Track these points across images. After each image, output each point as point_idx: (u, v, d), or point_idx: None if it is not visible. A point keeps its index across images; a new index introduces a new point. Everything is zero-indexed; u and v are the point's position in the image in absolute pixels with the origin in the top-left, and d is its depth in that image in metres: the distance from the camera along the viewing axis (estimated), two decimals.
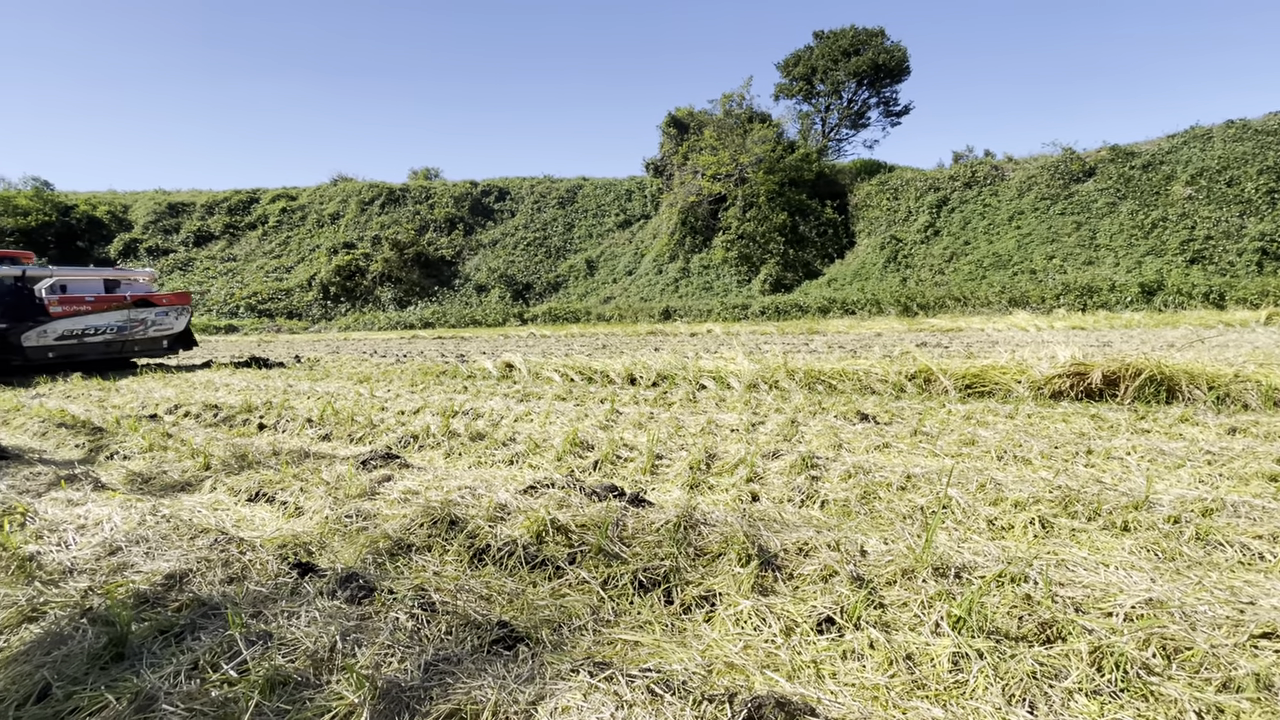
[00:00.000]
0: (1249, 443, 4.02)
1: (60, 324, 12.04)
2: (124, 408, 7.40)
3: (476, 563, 2.62)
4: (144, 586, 2.30)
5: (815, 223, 34.36)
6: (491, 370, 9.53)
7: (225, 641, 1.85)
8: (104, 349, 12.85)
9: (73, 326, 12.21)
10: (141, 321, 13.18)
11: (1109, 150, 29.99)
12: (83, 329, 12.35)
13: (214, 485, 3.94)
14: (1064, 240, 27.40)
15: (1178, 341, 10.87)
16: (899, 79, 39.03)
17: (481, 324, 32.76)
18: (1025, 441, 4.17)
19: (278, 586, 2.29)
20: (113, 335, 12.84)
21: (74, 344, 12.31)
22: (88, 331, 12.41)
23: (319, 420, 5.93)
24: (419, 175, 52.02)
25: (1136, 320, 17.28)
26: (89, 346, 12.56)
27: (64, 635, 1.96)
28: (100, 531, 2.88)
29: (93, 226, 45.00)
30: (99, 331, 12.58)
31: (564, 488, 3.22)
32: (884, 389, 6.64)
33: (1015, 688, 1.64)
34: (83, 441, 5.38)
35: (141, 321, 13.18)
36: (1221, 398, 5.38)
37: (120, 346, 13.14)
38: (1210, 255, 24.15)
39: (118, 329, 12.87)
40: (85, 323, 12.38)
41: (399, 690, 1.63)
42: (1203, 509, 2.77)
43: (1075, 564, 2.38)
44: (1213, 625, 1.83)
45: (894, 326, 19.21)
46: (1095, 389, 5.79)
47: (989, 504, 3.04)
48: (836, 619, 2.00)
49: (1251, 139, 27.09)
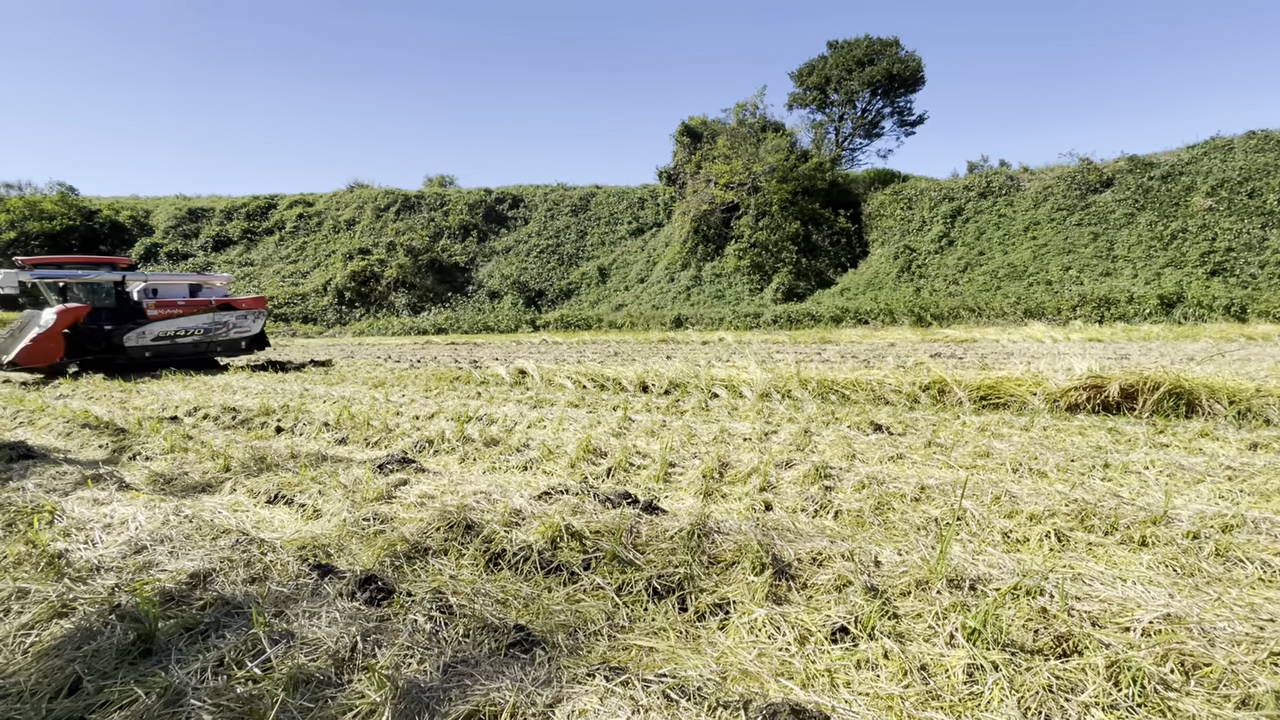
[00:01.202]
0: (1270, 458, 3.97)
1: (156, 326, 13.28)
2: (145, 409, 7.53)
3: (492, 567, 2.65)
4: (169, 585, 2.35)
5: (828, 232, 34.30)
6: (505, 376, 9.60)
7: (249, 640, 1.89)
8: (192, 349, 14.00)
9: (166, 328, 13.46)
10: (225, 324, 14.37)
11: (1127, 161, 29.71)
12: (175, 330, 13.58)
13: (234, 487, 4.01)
14: (1081, 251, 27.13)
15: (1198, 355, 10.72)
16: (913, 89, 39.00)
17: (494, 330, 32.98)
18: (1041, 454, 4.14)
19: (299, 587, 2.33)
20: (200, 336, 14.02)
21: (167, 344, 13.49)
22: (179, 333, 13.65)
23: (335, 424, 6.01)
24: (434, 182, 52.60)
25: (1155, 333, 17.05)
26: (180, 346, 13.73)
27: (93, 631, 2.01)
28: (126, 530, 2.95)
29: (115, 231, 45.91)
30: (188, 333, 13.83)
31: (578, 494, 3.25)
32: (898, 399, 6.61)
33: (1030, 700, 1.64)
34: (106, 442, 5.49)
35: (225, 324, 14.37)
36: (1243, 412, 5.30)
37: (206, 346, 14.26)
38: (1231, 267, 23.80)
39: (204, 330, 14.06)
40: (177, 325, 13.64)
41: (419, 690, 1.66)
42: (1223, 525, 2.75)
43: (1092, 578, 2.36)
44: (1232, 642, 1.82)
45: (907, 337, 19.10)
46: (1112, 402, 5.74)
47: (1004, 516, 3.03)
48: (851, 629, 2.00)
49: (1273, 150, 26.72)
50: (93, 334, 12.68)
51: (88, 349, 12.69)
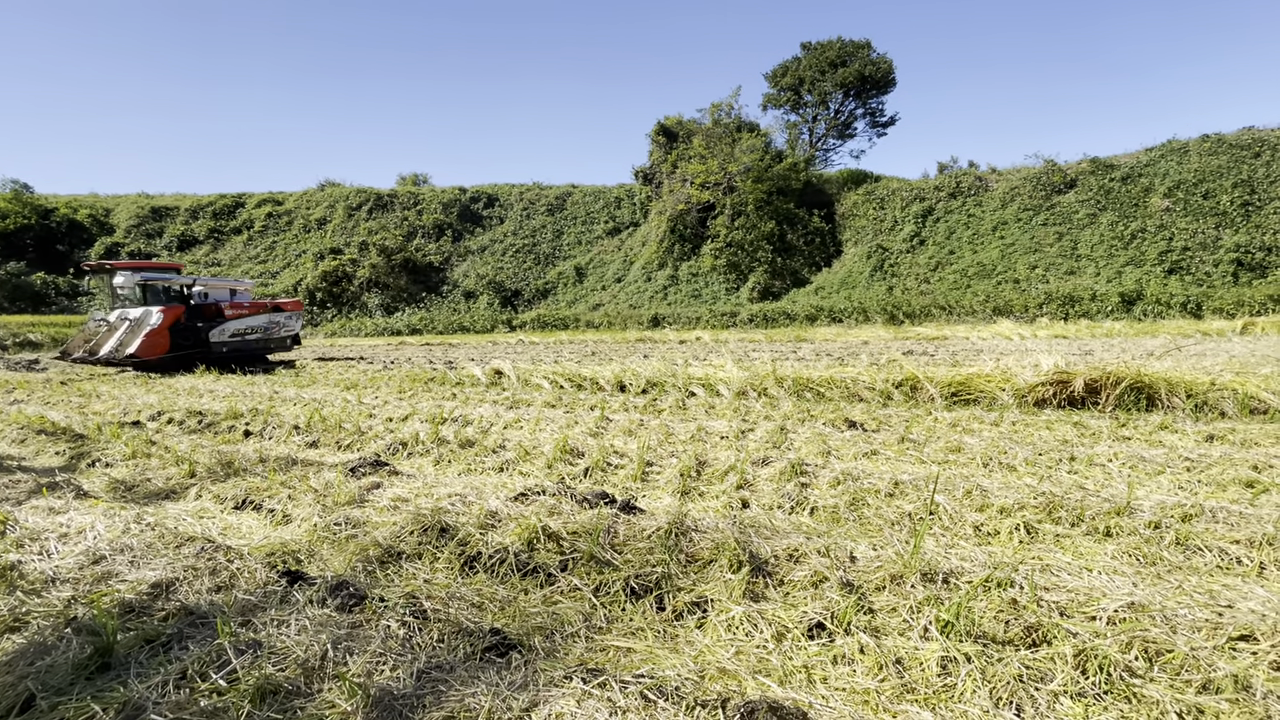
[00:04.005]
0: (1226, 449, 4.11)
1: (231, 324, 14.78)
2: (105, 414, 7.28)
3: (468, 570, 2.62)
4: (129, 595, 2.27)
5: (803, 231, 34.67)
6: (480, 377, 9.50)
7: (214, 650, 1.83)
8: (256, 345, 15.43)
9: (239, 326, 14.97)
10: (278, 323, 16.02)
11: (1089, 162, 30.60)
12: (244, 328, 15.09)
13: (199, 493, 3.90)
14: (1046, 250, 27.86)
15: (1157, 350, 11.08)
16: (885, 90, 39.58)
17: (470, 331, 32.63)
18: (1010, 448, 4.23)
19: (267, 595, 2.27)
20: (261, 334, 15.58)
21: (238, 341, 14.93)
22: (248, 331, 15.16)
23: (306, 427, 5.88)
24: (407, 181, 51.84)
25: (1117, 329, 17.59)
26: (248, 343, 15.19)
27: (48, 645, 1.93)
28: (83, 540, 2.84)
29: (74, 230, 44.31)
30: (254, 331, 15.38)
31: (555, 495, 3.22)
32: (871, 396, 6.71)
33: (1002, 690, 1.67)
34: (63, 449, 5.29)
35: (278, 323, 16.02)
36: (1200, 405, 5.49)
37: (265, 343, 15.77)
38: (1187, 266, 24.68)
39: (264, 329, 15.62)
40: (246, 323, 15.16)
41: (392, 698, 1.62)
42: (1182, 515, 2.83)
43: (1059, 569, 2.42)
44: (1193, 628, 1.88)
45: (880, 334, 19.39)
46: (1078, 397, 5.89)
47: (975, 510, 3.09)
48: (827, 624, 2.02)
49: (1226, 153, 27.77)
50: (186, 330, 14.07)
51: (183, 345, 14.05)
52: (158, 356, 13.35)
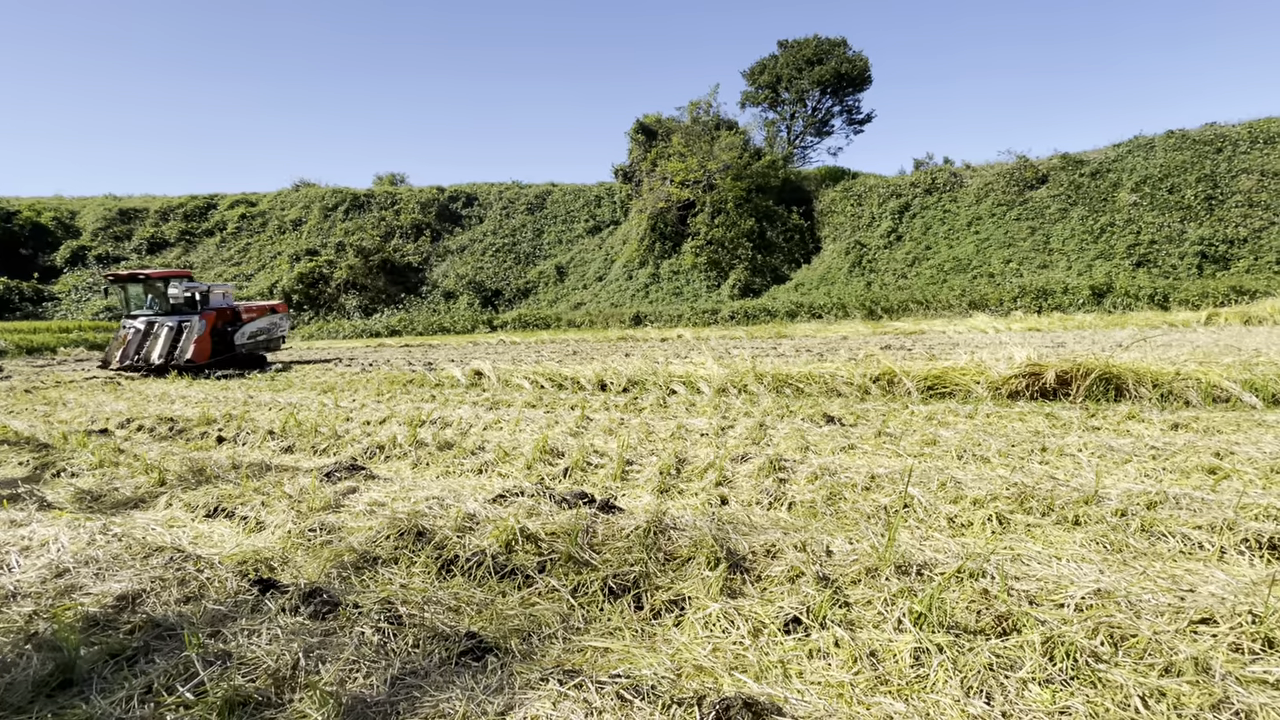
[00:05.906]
0: (1190, 437, 4.22)
1: (248, 326, 15.59)
2: (72, 423, 7.09)
3: (445, 574, 2.59)
4: (94, 609, 2.21)
5: (782, 229, 34.90)
6: (460, 378, 9.42)
7: (181, 663, 1.79)
8: (264, 346, 16.23)
9: (252, 329, 15.72)
10: (276, 324, 16.73)
11: (1060, 158, 31.22)
12: (255, 330, 15.83)
13: (169, 501, 3.81)
14: (1020, 245, 28.37)
15: (1125, 341, 11.35)
16: (861, 88, 39.99)
17: (450, 331, 32.32)
18: (984, 440, 4.31)
19: (237, 604, 2.22)
20: (266, 335, 16.33)
21: (253, 342, 15.76)
22: (258, 332, 15.93)
23: (281, 432, 5.78)
24: (384, 181, 51.12)
25: (1088, 321, 17.98)
26: (258, 344, 15.99)
27: (6, 663, 1.87)
28: (46, 553, 2.76)
29: (37, 233, 43.02)
30: (262, 332, 16.12)
31: (534, 496, 3.20)
32: (849, 391, 6.78)
33: (973, 680, 1.70)
34: (27, 459, 5.14)
35: (276, 324, 16.73)
36: (1165, 395, 5.64)
37: (268, 344, 16.48)
38: (1154, 259, 25.31)
39: (266, 331, 16.33)
40: (257, 325, 15.92)
41: (364, 706, 1.60)
42: (1147, 502, 2.91)
43: (1030, 558, 2.47)
44: (1156, 613, 1.93)
45: (859, 330, 19.61)
46: (1050, 388, 6.01)
47: (949, 502, 3.14)
48: (803, 619, 2.04)
49: (1190, 149, 28.52)
50: (219, 334, 14.94)
51: (219, 348, 14.90)
52: (205, 360, 14.30)
